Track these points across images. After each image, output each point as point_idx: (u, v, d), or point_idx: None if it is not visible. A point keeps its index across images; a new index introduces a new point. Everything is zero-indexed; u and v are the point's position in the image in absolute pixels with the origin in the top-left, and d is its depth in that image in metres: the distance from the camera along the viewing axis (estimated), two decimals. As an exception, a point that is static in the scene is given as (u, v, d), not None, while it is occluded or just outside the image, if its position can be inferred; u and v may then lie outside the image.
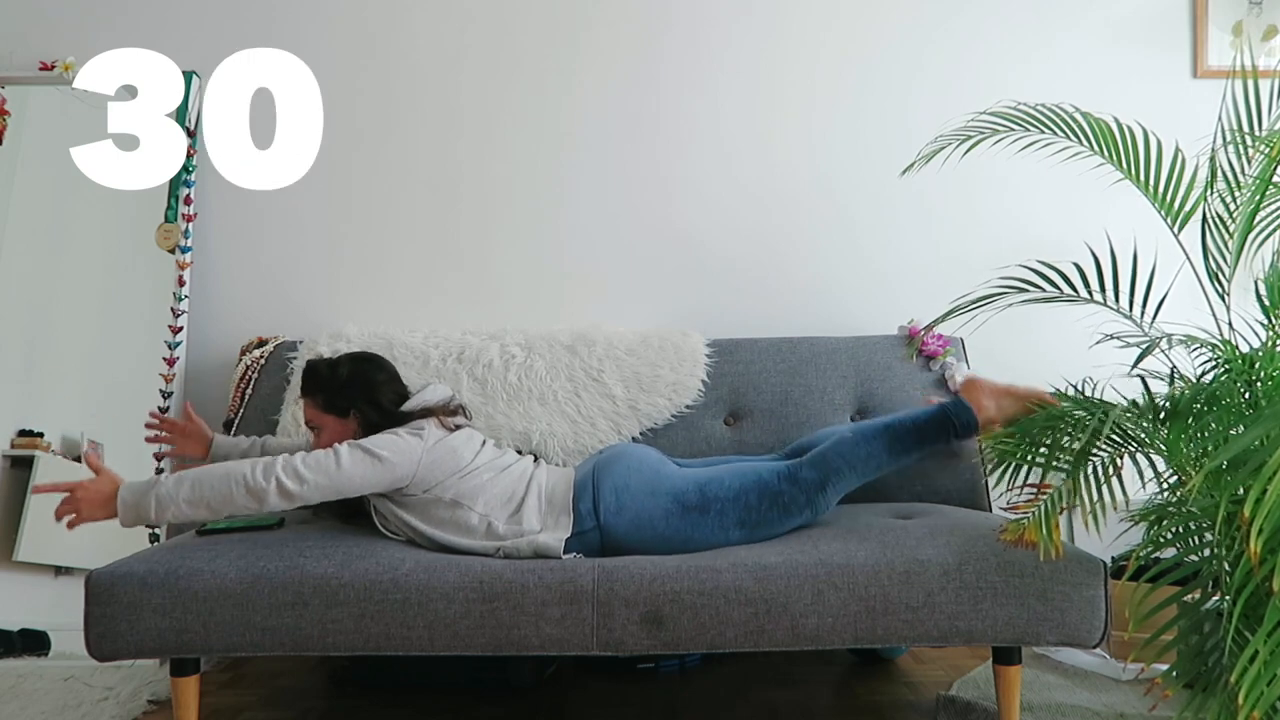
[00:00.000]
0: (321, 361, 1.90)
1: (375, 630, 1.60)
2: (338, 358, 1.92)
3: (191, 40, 2.56)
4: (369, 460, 1.68)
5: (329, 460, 1.66)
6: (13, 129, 2.51)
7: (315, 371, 1.88)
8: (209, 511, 1.61)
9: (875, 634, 1.61)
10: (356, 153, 2.58)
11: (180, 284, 2.47)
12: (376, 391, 1.85)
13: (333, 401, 1.84)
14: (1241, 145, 1.71)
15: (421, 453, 1.72)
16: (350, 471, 1.66)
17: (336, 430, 1.84)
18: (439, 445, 1.75)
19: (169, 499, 1.58)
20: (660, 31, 2.58)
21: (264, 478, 1.62)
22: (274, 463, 1.64)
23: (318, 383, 1.86)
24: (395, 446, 1.71)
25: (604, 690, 2.09)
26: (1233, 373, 1.57)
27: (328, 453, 1.67)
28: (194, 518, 1.62)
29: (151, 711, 1.98)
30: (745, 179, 2.59)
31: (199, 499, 1.60)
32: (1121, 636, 2.09)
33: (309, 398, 1.87)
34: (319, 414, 1.85)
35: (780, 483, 1.75)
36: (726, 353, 2.33)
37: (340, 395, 1.84)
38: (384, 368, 1.93)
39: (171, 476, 1.61)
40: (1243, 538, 1.23)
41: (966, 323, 2.01)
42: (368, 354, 1.96)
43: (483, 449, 1.84)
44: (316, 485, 1.64)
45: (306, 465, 1.65)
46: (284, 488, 1.62)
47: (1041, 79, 2.56)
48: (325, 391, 1.85)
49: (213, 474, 1.62)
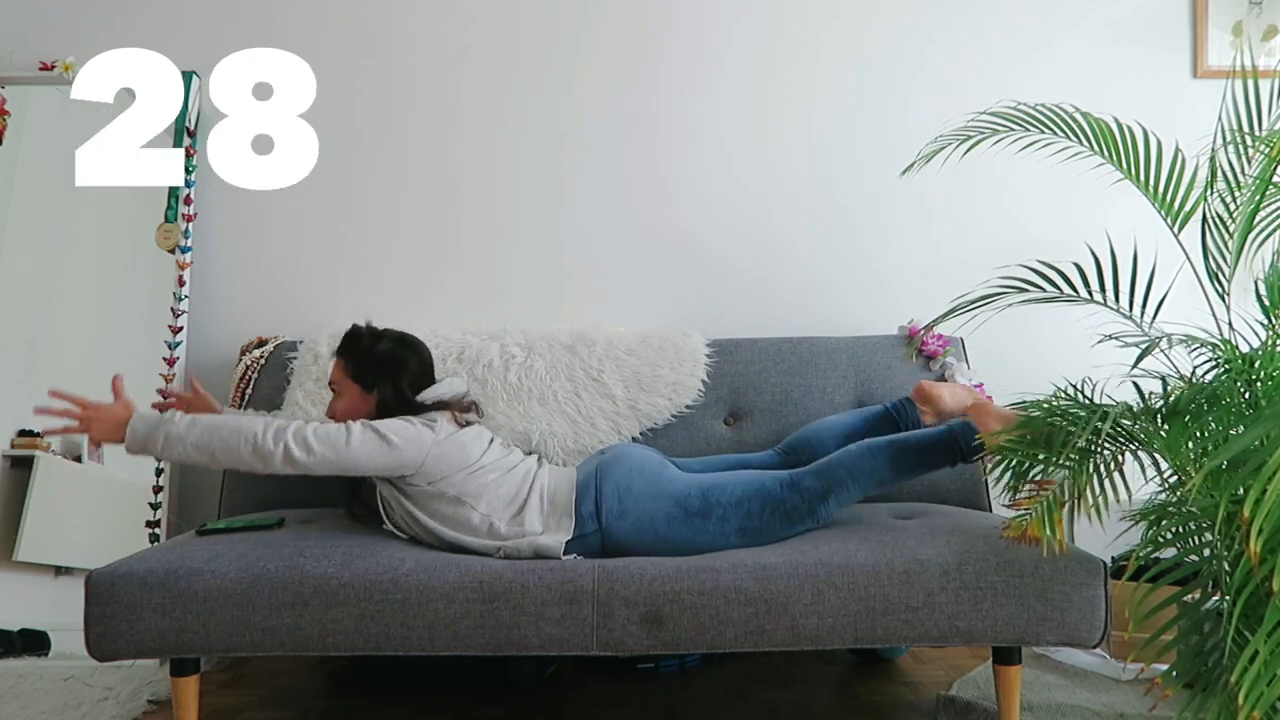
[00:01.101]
0: (366, 329, 1.91)
1: (375, 630, 1.60)
2: (382, 330, 1.92)
3: (191, 40, 2.56)
4: (379, 442, 1.69)
5: (339, 435, 1.67)
6: (13, 129, 2.51)
7: (357, 337, 1.89)
8: (211, 460, 1.64)
9: (875, 634, 1.61)
10: (356, 153, 2.58)
11: (180, 284, 2.47)
12: (404, 376, 1.86)
13: (362, 372, 1.85)
14: (1241, 145, 1.71)
15: (431, 444, 1.73)
16: (358, 450, 1.68)
17: (354, 401, 1.85)
18: (449, 440, 1.76)
19: (178, 438, 1.62)
20: (660, 31, 2.58)
21: (274, 441, 1.63)
22: (286, 428, 1.65)
23: (356, 349, 1.87)
24: (407, 434, 1.72)
25: (604, 690, 2.09)
26: (1233, 372, 1.57)
27: (340, 428, 1.69)
28: (197, 461, 1.64)
29: (151, 711, 1.98)
30: (745, 179, 2.59)
31: (206, 445, 1.62)
32: (1121, 636, 2.09)
33: (342, 359, 1.88)
34: (345, 379, 1.87)
35: (783, 490, 1.75)
36: (726, 353, 2.33)
37: (370, 369, 1.85)
38: (421, 356, 1.92)
39: (185, 417, 1.64)
40: (1243, 538, 1.23)
41: (966, 323, 2.01)
42: (411, 338, 1.94)
43: (490, 448, 1.84)
44: (323, 458, 1.66)
45: (317, 436, 1.66)
46: (291, 455, 1.63)
47: (1041, 79, 2.56)
48: (358, 360, 1.86)
49: (226, 425, 1.64)
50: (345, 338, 1.90)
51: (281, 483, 2.16)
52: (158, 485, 2.39)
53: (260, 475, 1.67)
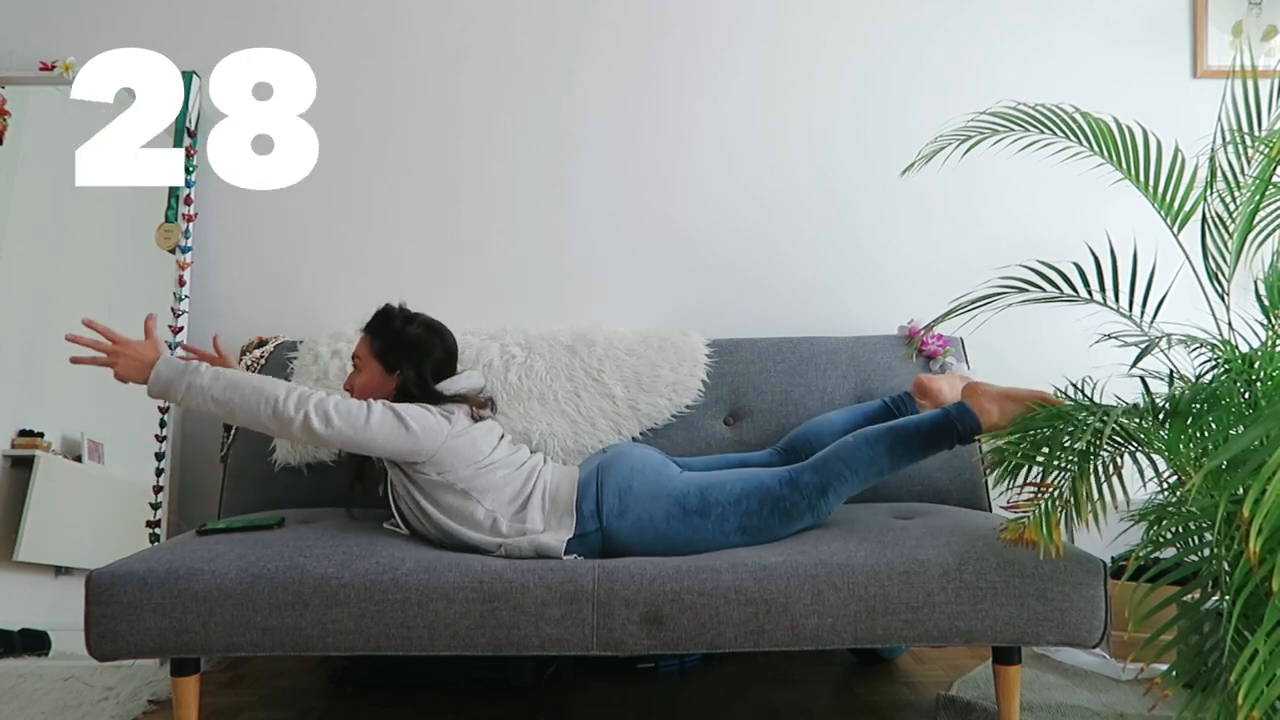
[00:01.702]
0: (399, 311, 1.92)
1: (375, 630, 1.60)
2: (415, 314, 1.93)
3: (191, 40, 2.56)
4: (398, 425, 1.70)
5: (360, 412, 1.69)
6: (13, 129, 2.51)
7: (389, 317, 1.91)
8: (230, 416, 1.65)
9: (875, 634, 1.61)
10: (356, 153, 2.58)
11: (180, 284, 2.47)
12: (427, 362, 1.87)
13: (388, 352, 1.87)
14: (1241, 145, 1.71)
15: (447, 435, 1.75)
16: (376, 430, 1.69)
17: (374, 378, 1.87)
18: (464, 434, 1.77)
19: (200, 390, 1.63)
20: (660, 31, 2.58)
21: (295, 408, 1.64)
22: (309, 396, 1.66)
23: (385, 328, 1.89)
24: (425, 422, 1.73)
25: (604, 690, 2.09)
26: (1232, 373, 1.57)
27: (361, 405, 1.70)
28: (214, 415, 1.66)
29: (151, 711, 1.98)
30: (745, 179, 2.59)
31: (228, 401, 1.64)
32: (1121, 636, 2.09)
33: (369, 335, 1.90)
34: (369, 356, 1.88)
35: (782, 488, 1.75)
36: (726, 353, 2.33)
37: (397, 350, 1.86)
38: (447, 345, 1.94)
39: (211, 370, 1.65)
40: (1242, 538, 1.23)
41: (966, 323, 2.01)
42: (441, 326, 1.95)
43: (499, 444, 1.85)
44: (340, 433, 1.67)
45: (338, 410, 1.67)
46: (310, 425, 1.65)
47: (1041, 79, 2.56)
48: (387, 339, 1.88)
49: (249, 383, 1.65)
50: (377, 315, 1.92)
51: (283, 482, 2.17)
52: (158, 485, 2.39)
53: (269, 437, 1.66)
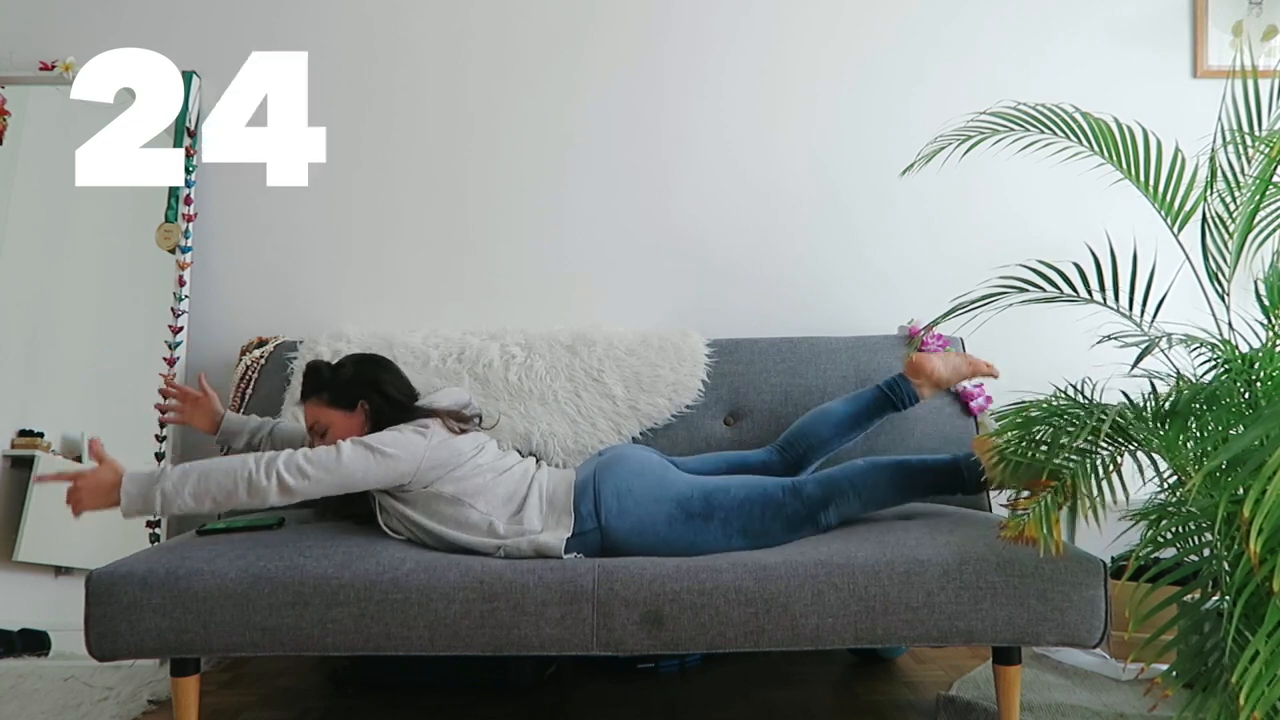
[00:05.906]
0: (322, 362, 1.91)
1: (375, 630, 1.60)
2: (339, 360, 1.92)
3: (191, 40, 2.56)
4: (371, 455, 1.68)
5: (329, 455, 1.66)
6: (13, 129, 2.51)
7: (317, 372, 1.88)
8: (214, 505, 1.61)
9: (875, 634, 1.61)
10: (357, 153, 2.58)
11: (180, 284, 2.47)
12: (383, 384, 1.87)
13: (339, 396, 1.85)
14: (1241, 145, 1.71)
15: (425, 450, 1.72)
16: (351, 466, 1.66)
17: (344, 425, 1.84)
18: (443, 445, 1.76)
19: (173, 493, 1.58)
20: (662, 32, 2.58)
21: (266, 475, 1.61)
22: (276, 458, 1.63)
23: (320, 382, 1.87)
24: (399, 443, 1.71)
25: (604, 690, 2.09)
26: (1232, 373, 1.57)
27: (330, 448, 1.68)
28: (198, 511, 1.62)
29: (151, 711, 1.98)
30: (746, 179, 2.59)
31: (203, 493, 1.60)
32: (1121, 636, 2.08)
33: (313, 398, 1.87)
34: (325, 411, 1.85)
35: (784, 496, 1.76)
36: (726, 353, 2.33)
37: (347, 390, 1.85)
38: (387, 366, 1.94)
39: (176, 469, 1.60)
40: (1242, 538, 1.23)
41: (966, 323, 2.01)
42: (370, 354, 1.96)
43: (486, 448, 1.85)
44: (318, 480, 1.64)
45: (309, 460, 1.65)
46: (285, 484, 1.62)
47: (1042, 79, 2.56)
48: (329, 389, 1.86)
49: (217, 469, 1.61)
50: (306, 377, 1.88)
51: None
52: (158, 485, 2.39)
53: None
